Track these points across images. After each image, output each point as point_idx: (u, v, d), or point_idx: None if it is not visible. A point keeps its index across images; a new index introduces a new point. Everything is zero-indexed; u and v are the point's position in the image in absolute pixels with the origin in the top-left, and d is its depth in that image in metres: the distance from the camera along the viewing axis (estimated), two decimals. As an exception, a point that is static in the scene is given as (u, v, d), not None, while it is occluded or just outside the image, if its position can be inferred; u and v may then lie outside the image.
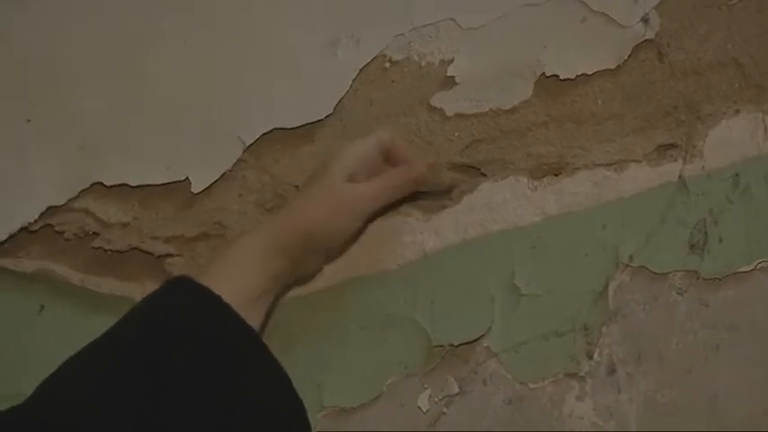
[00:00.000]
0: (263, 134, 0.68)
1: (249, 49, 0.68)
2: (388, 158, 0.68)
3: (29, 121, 0.65)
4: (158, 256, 0.68)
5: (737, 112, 0.75)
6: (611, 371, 0.72)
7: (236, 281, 0.60)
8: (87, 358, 0.57)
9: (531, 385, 0.72)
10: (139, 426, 0.53)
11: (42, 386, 0.56)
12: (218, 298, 0.58)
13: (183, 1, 0.66)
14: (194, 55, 0.68)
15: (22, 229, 0.65)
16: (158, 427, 0.53)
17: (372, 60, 0.69)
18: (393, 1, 0.70)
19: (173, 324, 0.57)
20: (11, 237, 0.65)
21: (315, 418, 0.69)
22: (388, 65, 0.70)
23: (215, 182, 0.67)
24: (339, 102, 0.69)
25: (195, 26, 0.67)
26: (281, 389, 0.60)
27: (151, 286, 0.67)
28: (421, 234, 0.70)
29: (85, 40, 0.66)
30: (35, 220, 0.65)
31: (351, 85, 0.69)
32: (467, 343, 0.70)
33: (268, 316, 0.67)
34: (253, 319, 0.62)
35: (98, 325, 0.59)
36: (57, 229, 0.66)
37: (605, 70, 0.72)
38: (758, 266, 0.79)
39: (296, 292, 0.69)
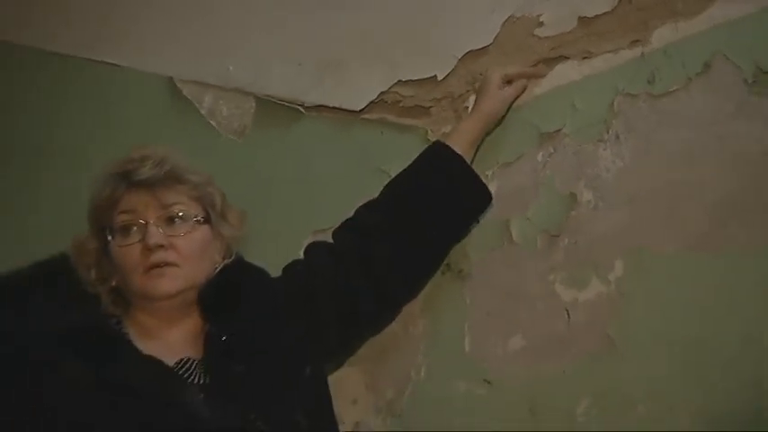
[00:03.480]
0: (464, 54, 1.53)
1: (456, 17, 1.52)
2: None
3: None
4: (426, 107, 1.56)
5: (663, 24, 1.43)
6: (617, 136, 1.43)
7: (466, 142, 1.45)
8: (386, 193, 1.47)
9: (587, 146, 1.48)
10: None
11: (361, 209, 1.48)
12: (461, 157, 1.43)
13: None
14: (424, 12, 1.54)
15: (370, 102, 1.57)
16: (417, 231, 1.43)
17: (509, 17, 1.51)
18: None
19: (435, 177, 1.44)
20: (367, 105, 1.57)
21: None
22: (515, 20, 1.51)
23: (446, 75, 1.54)
24: (495, 36, 1.51)
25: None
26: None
27: (425, 120, 1.55)
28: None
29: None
30: (375, 97, 1.56)
31: (500, 28, 1.51)
32: (553, 132, 1.48)
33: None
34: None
35: (408, 137, 1.53)
36: (385, 99, 1.57)
37: (607, 12, 1.45)
38: (675, 90, 1.43)
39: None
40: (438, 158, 1.46)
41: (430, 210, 1.46)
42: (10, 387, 1.14)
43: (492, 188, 1.49)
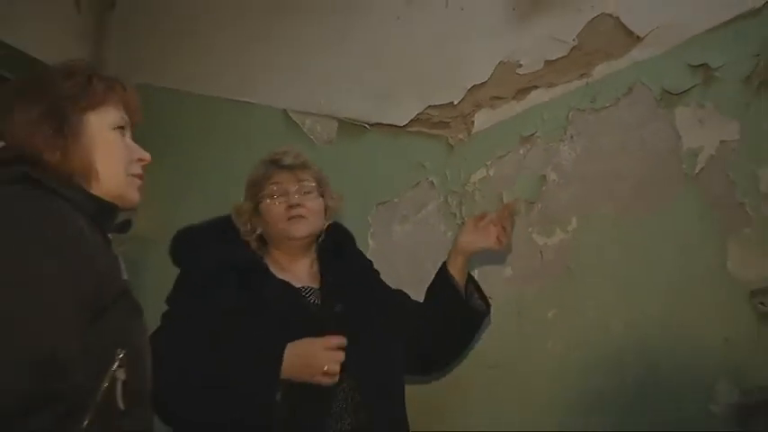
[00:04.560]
0: (471, 86, 2.19)
1: (465, 63, 2.21)
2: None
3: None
4: (447, 122, 2.22)
5: (601, 63, 2.06)
6: (572, 137, 2.10)
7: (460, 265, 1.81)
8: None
9: (552, 144, 2.11)
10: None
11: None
12: (452, 277, 1.80)
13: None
14: (445, 62, 2.23)
15: (410, 120, 2.25)
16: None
17: (499, 62, 2.16)
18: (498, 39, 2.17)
19: (444, 290, 1.81)
20: (409, 122, 2.26)
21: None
22: (503, 63, 2.15)
23: (460, 101, 2.20)
24: (491, 74, 2.17)
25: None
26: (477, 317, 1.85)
27: (446, 131, 2.22)
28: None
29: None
30: (414, 116, 2.25)
31: (493, 69, 2.18)
32: (530, 135, 2.11)
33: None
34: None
35: (435, 142, 2.21)
36: (420, 118, 2.25)
37: (564, 56, 2.06)
38: (609, 106, 2.01)
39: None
40: (440, 282, 1.84)
41: (443, 317, 1.82)
42: (199, 298, 1.61)
43: (491, 173, 2.14)
